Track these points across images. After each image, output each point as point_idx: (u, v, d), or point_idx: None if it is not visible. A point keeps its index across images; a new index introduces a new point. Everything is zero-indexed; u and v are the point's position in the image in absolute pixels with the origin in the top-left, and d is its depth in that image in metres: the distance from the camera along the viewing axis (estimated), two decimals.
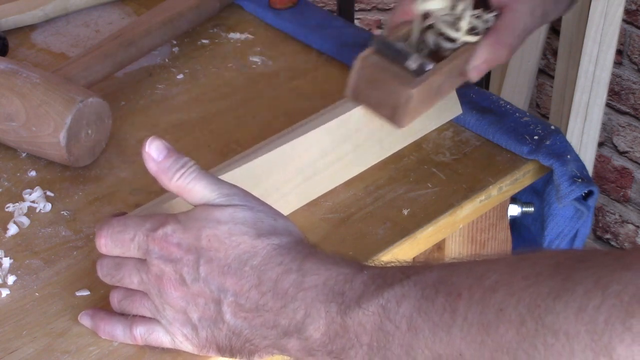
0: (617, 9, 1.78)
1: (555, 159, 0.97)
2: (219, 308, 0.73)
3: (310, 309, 0.70)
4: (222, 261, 0.72)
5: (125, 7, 1.22)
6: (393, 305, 0.66)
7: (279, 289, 0.71)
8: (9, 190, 0.94)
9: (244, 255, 0.72)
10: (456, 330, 0.63)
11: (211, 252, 0.73)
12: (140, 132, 1.02)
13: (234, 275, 0.72)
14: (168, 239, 0.74)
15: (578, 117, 1.86)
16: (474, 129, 1.01)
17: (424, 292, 0.66)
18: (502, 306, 0.62)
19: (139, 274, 0.76)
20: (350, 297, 0.69)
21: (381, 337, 0.67)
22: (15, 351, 0.78)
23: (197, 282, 0.73)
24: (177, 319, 0.75)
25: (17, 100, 0.95)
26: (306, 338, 0.70)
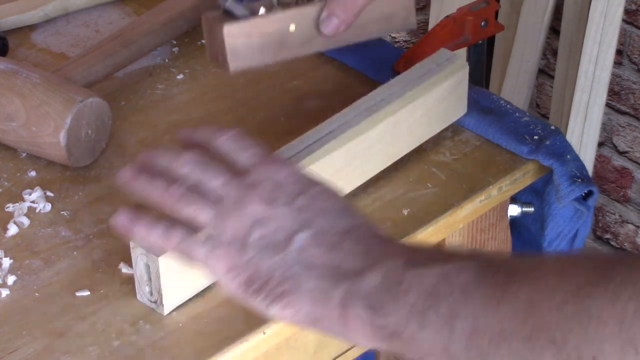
0: (617, 9, 1.78)
1: (555, 159, 0.97)
2: (289, 237, 0.72)
3: (381, 259, 0.70)
4: (324, 205, 0.73)
5: (125, 7, 1.22)
6: (454, 273, 0.67)
7: (364, 241, 0.72)
8: (9, 190, 0.94)
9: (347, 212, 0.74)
10: (505, 305, 0.64)
11: (319, 195, 0.74)
12: (140, 132, 1.02)
13: (328, 218, 0.73)
14: (286, 165, 0.75)
15: (578, 117, 1.86)
16: (474, 129, 1.01)
17: (486, 268, 0.67)
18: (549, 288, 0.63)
19: (229, 176, 0.75)
20: (419, 258, 0.70)
21: (430, 298, 0.67)
22: (15, 351, 0.78)
23: (287, 207, 0.73)
24: (234, 230, 0.73)
25: (17, 100, 0.95)
26: (358, 283, 0.70)
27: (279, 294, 0.71)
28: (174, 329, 0.81)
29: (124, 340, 0.79)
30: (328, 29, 0.95)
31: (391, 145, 0.94)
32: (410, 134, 0.96)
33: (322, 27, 0.95)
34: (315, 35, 0.95)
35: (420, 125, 0.96)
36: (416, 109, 0.95)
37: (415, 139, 0.97)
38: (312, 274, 0.71)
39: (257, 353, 0.81)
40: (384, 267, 0.69)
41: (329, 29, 0.95)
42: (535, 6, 1.91)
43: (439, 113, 0.97)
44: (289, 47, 0.94)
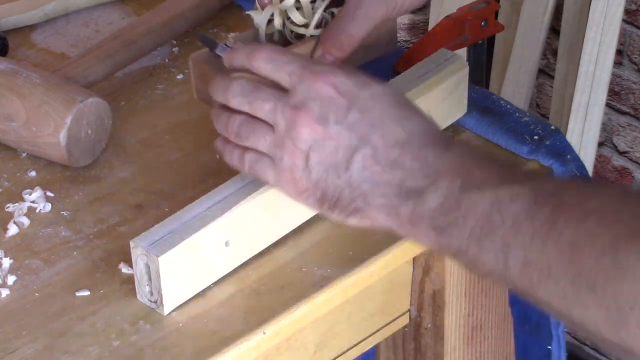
0: (617, 9, 1.78)
1: (555, 158, 0.97)
2: (349, 156, 0.74)
3: (438, 180, 0.72)
4: (376, 114, 0.74)
5: (125, 7, 1.22)
6: (506, 201, 0.69)
7: (421, 154, 0.73)
8: (9, 190, 0.94)
9: (401, 115, 0.74)
10: (551, 243, 0.66)
11: (369, 103, 0.74)
12: (140, 132, 1.02)
13: (382, 130, 0.74)
14: (328, 76, 0.74)
15: (578, 117, 1.86)
16: (474, 129, 1.01)
17: (536, 199, 0.68)
18: (590, 233, 0.64)
19: (275, 101, 0.76)
20: (474, 179, 0.71)
21: (486, 226, 0.69)
22: (15, 351, 0.78)
23: (340, 125, 0.74)
24: (293, 156, 0.75)
25: (17, 100, 0.95)
26: (422, 204, 0.72)
27: (352, 210, 0.75)
28: (174, 329, 0.81)
29: (124, 340, 0.79)
30: None
31: None
32: None
33: None
34: None
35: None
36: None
37: None
38: (378, 192, 0.73)
39: (257, 353, 0.81)
40: (442, 187, 0.72)
41: None
42: (535, 6, 1.91)
43: (438, 113, 0.97)
44: None
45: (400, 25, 2.22)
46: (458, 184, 0.71)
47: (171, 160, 0.98)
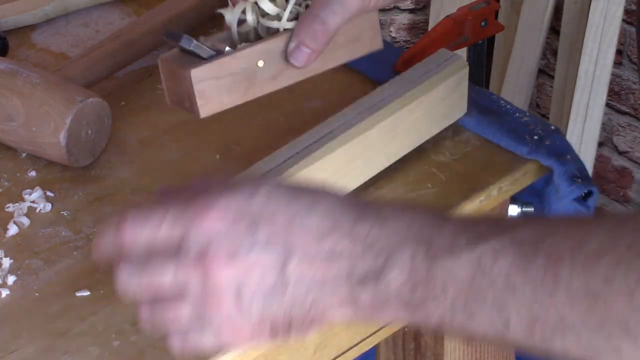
0: (617, 9, 1.78)
1: (555, 158, 0.97)
2: (281, 274, 0.65)
3: (393, 254, 0.64)
4: (282, 217, 0.65)
5: (125, 7, 1.22)
6: (488, 259, 0.62)
7: (356, 233, 0.65)
8: (9, 190, 0.94)
9: (307, 205, 0.66)
10: (560, 294, 0.60)
11: (268, 210, 0.65)
12: (140, 132, 1.02)
13: (300, 229, 0.65)
14: (211, 209, 0.65)
15: (578, 117, 1.86)
16: (474, 129, 1.01)
17: (522, 250, 0.62)
18: (608, 275, 0.59)
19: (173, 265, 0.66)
20: (439, 245, 0.64)
21: (471, 292, 0.62)
22: (15, 351, 0.78)
23: (254, 250, 0.65)
24: (223, 308, 0.66)
25: (17, 100, 0.95)
26: (384, 286, 0.64)
27: (309, 323, 0.67)
28: None
29: (124, 340, 0.79)
30: (298, 61, 0.87)
31: (392, 144, 0.94)
32: (411, 134, 0.96)
33: (292, 58, 0.87)
34: (285, 68, 0.88)
35: (420, 125, 0.96)
36: (416, 109, 0.95)
37: (416, 139, 0.97)
38: (328, 291, 0.65)
39: (257, 353, 0.81)
40: (401, 262, 0.64)
41: (300, 60, 0.87)
42: (535, 6, 1.91)
43: (439, 113, 0.97)
44: (258, 84, 0.88)
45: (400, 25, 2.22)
46: (421, 254, 0.63)
47: (171, 160, 0.98)
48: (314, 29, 0.86)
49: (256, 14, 0.89)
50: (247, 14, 0.89)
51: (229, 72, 0.85)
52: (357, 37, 0.91)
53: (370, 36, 0.92)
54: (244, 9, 0.88)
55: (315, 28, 0.86)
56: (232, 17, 0.89)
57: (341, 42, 0.91)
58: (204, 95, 0.85)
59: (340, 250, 0.65)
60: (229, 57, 0.85)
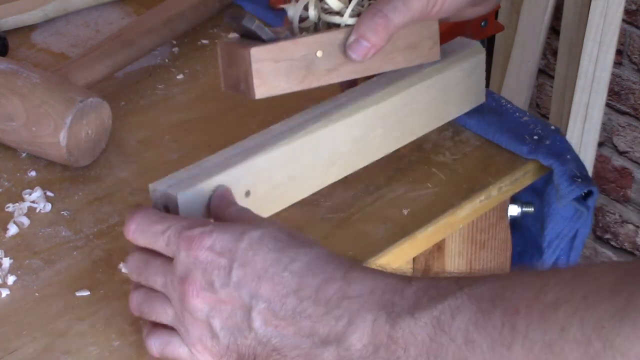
0: (617, 9, 1.78)
1: (555, 158, 0.97)
2: (247, 315, 0.70)
3: (355, 317, 0.67)
4: (258, 265, 0.70)
5: (125, 7, 1.22)
6: (447, 318, 0.65)
7: (320, 296, 0.68)
8: (9, 190, 0.94)
9: (284, 259, 0.70)
10: (517, 347, 0.62)
11: (248, 254, 0.70)
12: (140, 132, 1.02)
13: (270, 281, 0.69)
14: (203, 239, 0.71)
15: (578, 117, 1.86)
16: (474, 129, 1.01)
17: (479, 306, 0.64)
18: (564, 325, 0.60)
19: (164, 275, 0.73)
20: (400, 307, 0.67)
21: (433, 350, 0.65)
22: (15, 351, 0.78)
23: (227, 287, 0.70)
24: (196, 327, 0.72)
25: (17, 100, 0.95)
26: (346, 348, 0.67)
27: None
28: None
29: (124, 340, 0.79)
30: (357, 54, 0.88)
31: (409, 119, 0.94)
32: (428, 112, 0.96)
33: (351, 51, 0.88)
34: (343, 62, 0.89)
35: (437, 105, 0.96)
36: (432, 87, 0.95)
37: (433, 119, 0.97)
38: (289, 345, 0.69)
39: None
40: (363, 326, 0.67)
41: (358, 54, 0.88)
42: (535, 6, 1.91)
43: (455, 96, 0.97)
44: (315, 74, 0.89)
45: None
46: (382, 318, 0.66)
47: (171, 160, 0.98)
48: (376, 22, 0.87)
49: (318, 9, 0.90)
50: (309, 8, 0.90)
51: (287, 57, 0.87)
52: (415, 44, 0.93)
53: (429, 46, 0.94)
54: (306, 4, 0.90)
55: (377, 21, 0.87)
56: (294, 12, 0.90)
57: (400, 46, 0.92)
58: (261, 75, 0.86)
59: (303, 310, 0.69)
60: (289, 42, 0.87)
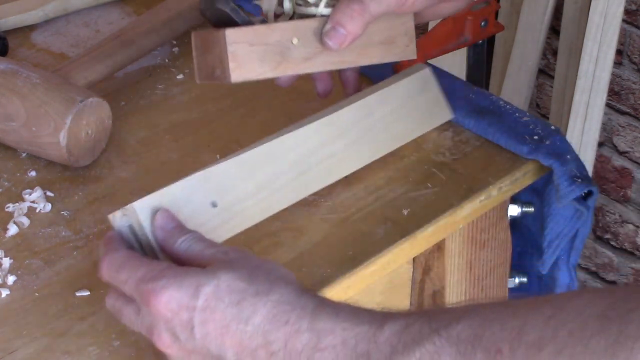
0: (617, 9, 1.78)
1: (555, 158, 0.97)
2: None
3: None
4: (218, 322, 0.69)
5: (125, 7, 1.22)
6: None
7: (290, 349, 0.68)
8: (9, 190, 0.94)
9: (243, 313, 0.69)
10: None
11: (207, 312, 0.69)
12: (140, 132, 1.02)
13: (234, 336, 0.69)
14: (158, 295, 0.70)
15: (578, 117, 1.86)
16: (473, 129, 1.01)
17: (459, 348, 0.62)
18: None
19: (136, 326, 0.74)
20: (377, 358, 0.65)
21: None
22: (15, 351, 0.78)
23: (192, 340, 0.70)
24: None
25: (17, 100, 0.95)
26: None
27: None
28: None
29: (124, 340, 0.79)
30: (333, 41, 0.88)
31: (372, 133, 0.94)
32: (389, 126, 0.96)
33: (327, 38, 0.88)
34: (319, 51, 0.90)
35: (397, 118, 0.96)
36: (385, 99, 0.96)
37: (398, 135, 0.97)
38: None
39: None
40: None
41: (335, 41, 0.88)
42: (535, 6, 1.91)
43: (414, 110, 0.97)
44: (290, 61, 0.89)
45: None
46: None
47: (171, 160, 0.98)
48: (352, 9, 0.87)
49: (293, 3, 0.90)
50: (284, 2, 0.90)
51: (262, 42, 0.86)
52: (391, 39, 0.92)
53: (405, 43, 0.94)
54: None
55: (353, 7, 0.87)
56: (269, 5, 0.90)
57: (376, 40, 0.92)
58: (237, 58, 0.85)
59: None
60: (264, 27, 0.87)
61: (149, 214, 0.78)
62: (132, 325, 0.74)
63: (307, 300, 0.70)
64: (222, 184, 0.84)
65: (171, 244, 0.76)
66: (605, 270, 2.11)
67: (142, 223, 0.78)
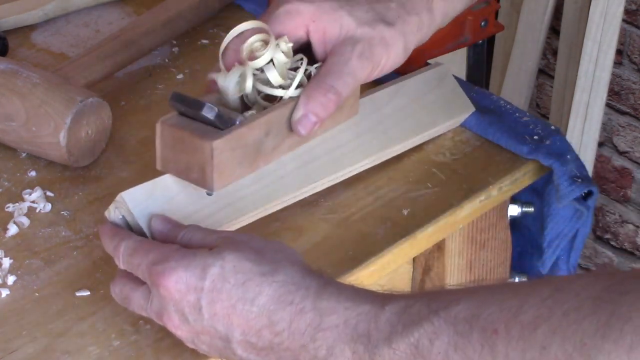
0: (617, 9, 1.78)
1: (555, 158, 0.97)
2: (228, 345, 0.72)
3: (333, 349, 0.68)
4: (225, 302, 0.71)
5: (125, 7, 1.22)
6: (426, 344, 0.65)
7: (294, 329, 0.69)
8: (9, 190, 0.94)
9: (248, 294, 0.71)
10: None
11: (214, 293, 0.71)
12: (140, 132, 1.02)
13: (240, 316, 0.71)
14: (168, 276, 0.72)
15: (578, 117, 1.86)
16: (474, 129, 1.01)
17: (456, 328, 0.64)
18: (545, 344, 0.60)
19: (145, 310, 0.76)
20: (377, 337, 0.67)
21: None
22: (15, 351, 0.78)
23: (201, 321, 0.72)
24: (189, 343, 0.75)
25: (17, 100, 0.95)
26: None
27: None
28: None
29: (124, 340, 0.79)
30: (305, 129, 0.83)
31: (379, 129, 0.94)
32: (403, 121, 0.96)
33: (300, 126, 0.83)
34: (286, 137, 0.85)
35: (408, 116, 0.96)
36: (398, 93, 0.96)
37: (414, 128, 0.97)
38: None
39: None
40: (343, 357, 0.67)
41: (307, 129, 0.83)
42: (535, 6, 1.91)
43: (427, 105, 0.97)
44: (263, 154, 0.83)
45: None
46: (360, 350, 0.67)
47: None
48: (328, 98, 0.83)
49: (254, 81, 0.84)
50: (247, 81, 0.83)
51: (242, 144, 0.81)
52: (342, 105, 0.87)
53: (351, 103, 0.90)
54: (241, 74, 0.83)
55: (329, 97, 0.83)
56: (227, 83, 0.84)
57: None
58: (220, 167, 0.79)
59: (280, 342, 0.69)
60: (245, 128, 0.81)
61: (138, 201, 0.79)
62: (141, 310, 0.76)
63: (311, 281, 0.71)
64: None
65: (173, 237, 0.77)
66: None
67: (131, 210, 0.78)
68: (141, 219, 0.79)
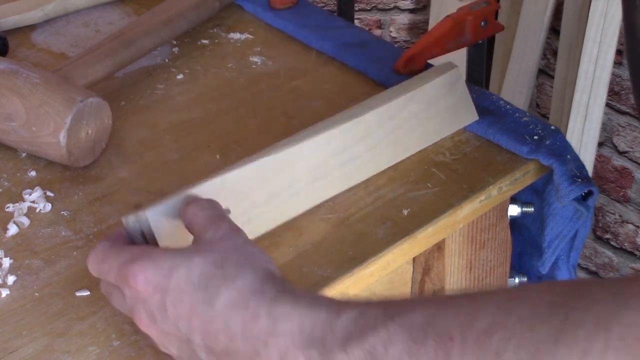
0: (617, 9, 1.78)
1: (555, 158, 0.97)
2: (191, 347, 0.72)
3: (286, 355, 0.68)
4: (187, 304, 0.71)
5: (125, 7, 1.22)
6: (380, 350, 0.64)
7: (248, 334, 0.69)
8: (9, 190, 0.94)
9: (209, 297, 0.70)
10: None
11: (177, 293, 0.71)
12: (140, 132, 1.02)
13: (199, 318, 0.70)
14: (135, 275, 0.72)
15: (578, 117, 1.86)
16: (473, 129, 1.01)
17: (411, 335, 0.63)
18: (499, 350, 0.60)
19: (124, 309, 0.76)
20: (332, 343, 0.66)
21: None
22: (15, 351, 0.78)
23: (167, 322, 0.72)
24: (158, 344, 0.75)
25: (17, 100, 0.95)
26: None
27: None
28: None
29: (124, 340, 0.79)
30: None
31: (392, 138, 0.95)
32: (416, 129, 0.96)
33: None
34: None
35: (425, 120, 0.96)
36: (413, 100, 0.96)
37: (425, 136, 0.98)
38: None
39: None
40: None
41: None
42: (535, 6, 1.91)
43: (443, 110, 0.97)
44: None
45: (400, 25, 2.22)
46: (315, 355, 0.66)
47: (171, 160, 0.98)
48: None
49: None
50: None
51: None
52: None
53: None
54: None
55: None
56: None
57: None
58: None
59: (235, 348, 0.69)
60: None
61: (160, 221, 0.79)
62: (121, 308, 0.76)
63: (269, 288, 0.71)
64: (237, 190, 0.84)
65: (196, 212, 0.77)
66: (605, 270, 2.11)
67: (152, 230, 0.78)
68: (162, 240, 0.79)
